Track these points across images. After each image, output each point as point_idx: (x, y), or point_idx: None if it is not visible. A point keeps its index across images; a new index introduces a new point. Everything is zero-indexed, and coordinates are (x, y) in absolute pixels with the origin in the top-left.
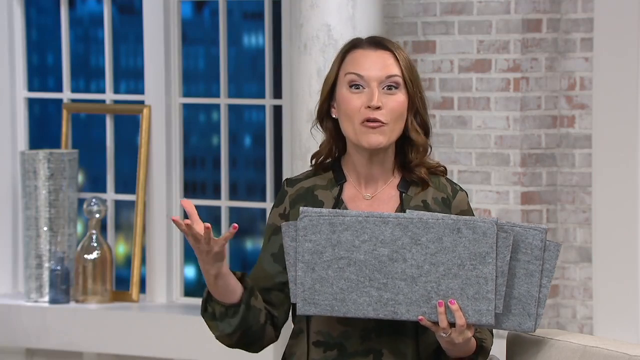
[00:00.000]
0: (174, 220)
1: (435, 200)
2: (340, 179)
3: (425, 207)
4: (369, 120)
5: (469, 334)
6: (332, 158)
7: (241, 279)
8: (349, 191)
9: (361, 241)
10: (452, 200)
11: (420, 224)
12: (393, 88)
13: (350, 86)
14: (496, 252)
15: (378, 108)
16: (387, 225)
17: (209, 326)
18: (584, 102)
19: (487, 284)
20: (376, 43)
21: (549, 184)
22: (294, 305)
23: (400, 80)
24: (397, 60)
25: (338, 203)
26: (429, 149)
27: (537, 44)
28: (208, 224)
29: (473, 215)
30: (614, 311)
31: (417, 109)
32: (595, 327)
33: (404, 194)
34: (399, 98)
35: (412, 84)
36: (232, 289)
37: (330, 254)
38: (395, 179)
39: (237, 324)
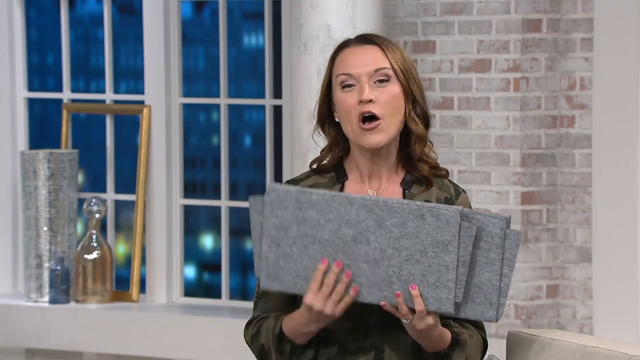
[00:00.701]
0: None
1: (439, 200)
2: (341, 177)
3: None
4: (364, 116)
5: (431, 320)
6: (335, 162)
7: None
8: (352, 188)
9: (327, 220)
10: (455, 201)
11: (385, 207)
12: (384, 81)
13: (343, 87)
14: (458, 241)
15: (370, 101)
16: (352, 206)
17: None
18: (584, 102)
19: (448, 272)
20: (363, 39)
21: (549, 184)
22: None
23: (390, 72)
24: (385, 52)
25: None
26: (427, 141)
27: (537, 44)
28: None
29: None
30: (614, 311)
31: (414, 98)
32: (595, 327)
33: (407, 191)
34: (392, 90)
35: (404, 75)
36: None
37: (296, 231)
38: (399, 176)
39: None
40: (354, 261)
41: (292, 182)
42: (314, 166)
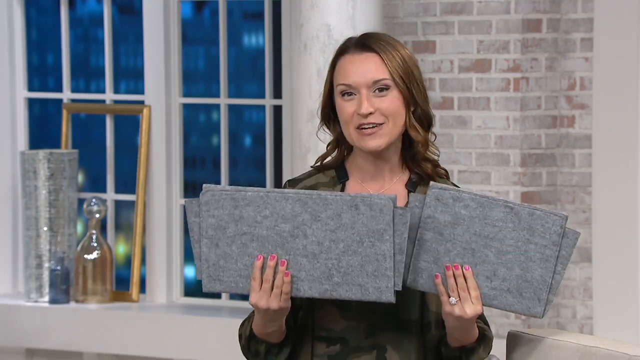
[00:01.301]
0: None
1: None
2: (342, 177)
3: None
4: (362, 126)
5: (480, 308)
6: (342, 158)
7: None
8: (352, 189)
9: (263, 217)
10: None
11: (319, 199)
12: (384, 90)
13: (342, 95)
14: (393, 229)
15: (370, 114)
16: (287, 201)
17: None
18: (584, 102)
19: (386, 260)
20: (362, 45)
21: (549, 184)
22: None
23: (389, 82)
24: (384, 61)
25: None
26: (430, 142)
27: (537, 44)
28: None
29: None
30: (614, 311)
31: (415, 103)
32: (595, 327)
33: (411, 193)
34: (392, 98)
35: (404, 81)
36: (282, 329)
37: (234, 230)
38: (404, 177)
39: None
40: (292, 256)
41: (293, 181)
42: (319, 163)
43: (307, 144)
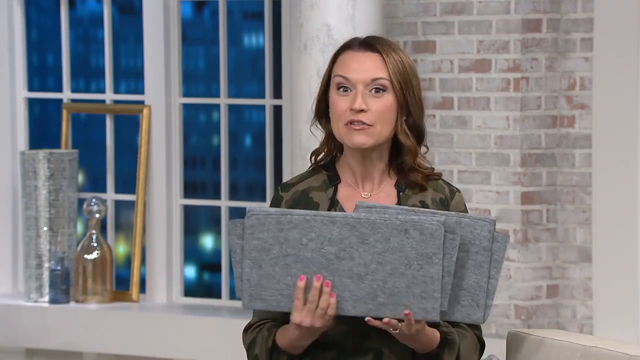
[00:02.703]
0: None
1: (434, 202)
2: (334, 180)
3: (424, 207)
4: (352, 122)
5: (419, 326)
6: (332, 156)
7: None
8: (345, 191)
9: (309, 239)
10: (450, 202)
11: (367, 224)
12: (380, 91)
13: (338, 88)
14: (443, 252)
15: (362, 111)
16: (334, 225)
17: None
18: (584, 102)
19: (434, 283)
20: (366, 44)
21: (549, 184)
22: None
23: (386, 83)
24: (385, 62)
25: (334, 203)
26: (419, 153)
27: (537, 44)
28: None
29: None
30: (614, 311)
31: (408, 111)
32: (595, 327)
33: (401, 193)
34: (386, 101)
35: (401, 87)
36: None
37: (278, 251)
38: (393, 179)
39: None
40: (337, 277)
41: (285, 186)
42: (313, 159)
43: (307, 144)
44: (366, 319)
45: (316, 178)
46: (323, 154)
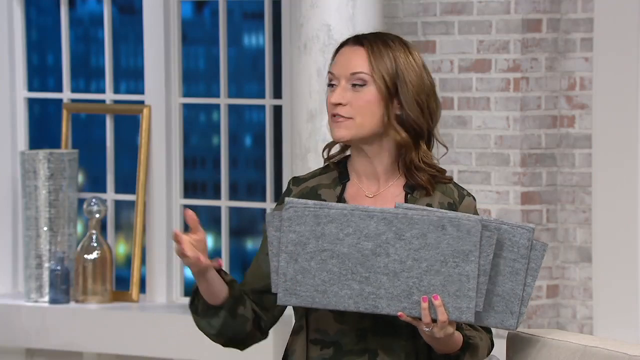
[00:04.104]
0: (175, 234)
1: (442, 205)
2: (343, 178)
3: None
4: (334, 115)
5: (451, 329)
6: (344, 154)
7: (231, 283)
8: (352, 189)
9: (345, 234)
10: (458, 206)
11: (405, 219)
12: (359, 85)
13: (328, 84)
14: (479, 250)
15: (339, 104)
16: (372, 220)
17: (193, 319)
18: (584, 102)
19: (469, 281)
20: (355, 39)
21: (549, 184)
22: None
23: (366, 77)
24: (369, 56)
25: (340, 201)
26: (422, 151)
27: (537, 44)
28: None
29: None
30: (614, 311)
31: (397, 106)
32: (595, 327)
33: (409, 195)
34: (365, 95)
35: (385, 81)
36: (216, 290)
37: (314, 246)
38: (401, 180)
39: (218, 328)
40: (373, 274)
41: (297, 180)
42: (326, 152)
43: (307, 144)
44: (398, 313)
45: (328, 175)
46: (335, 149)
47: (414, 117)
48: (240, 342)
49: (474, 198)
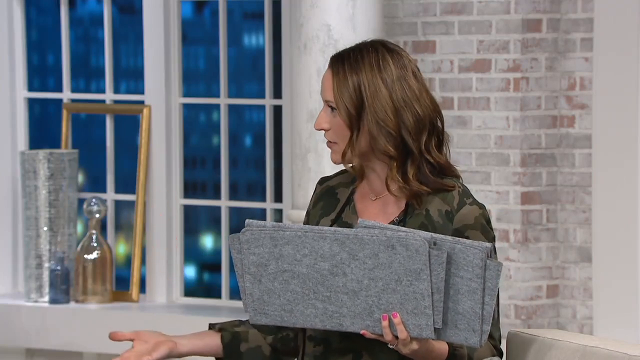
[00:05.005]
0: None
1: (440, 213)
2: (356, 179)
3: (427, 216)
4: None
5: (415, 345)
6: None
7: (221, 331)
8: (361, 190)
9: (302, 255)
10: (455, 214)
11: (355, 239)
12: (334, 109)
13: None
14: (430, 269)
15: (322, 129)
16: (325, 241)
17: None
18: (584, 102)
19: (424, 299)
20: (332, 60)
21: (549, 184)
22: None
23: (333, 103)
24: (333, 81)
25: (348, 201)
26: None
27: (537, 44)
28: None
29: (485, 230)
30: (614, 311)
31: (363, 130)
32: (595, 327)
33: (410, 201)
34: (338, 119)
35: (348, 108)
36: (211, 350)
37: (275, 267)
38: (405, 184)
39: None
40: (334, 293)
41: (323, 179)
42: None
43: (307, 144)
44: (361, 331)
45: (348, 175)
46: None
47: (382, 143)
48: None
49: (480, 206)
